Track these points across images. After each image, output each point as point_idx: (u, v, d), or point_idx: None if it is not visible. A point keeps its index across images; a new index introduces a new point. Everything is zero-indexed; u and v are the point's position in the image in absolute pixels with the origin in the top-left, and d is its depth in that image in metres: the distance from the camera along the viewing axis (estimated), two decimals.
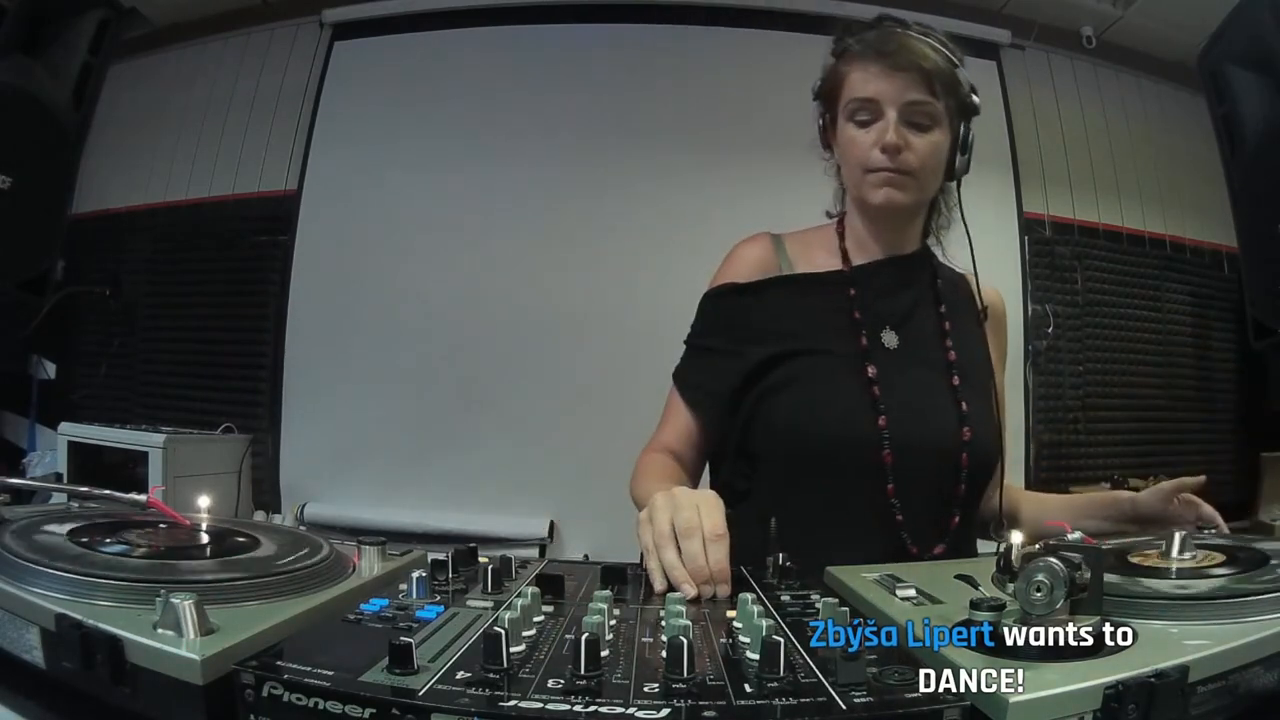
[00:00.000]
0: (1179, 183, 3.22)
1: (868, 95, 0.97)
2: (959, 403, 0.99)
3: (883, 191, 0.98)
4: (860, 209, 1.06)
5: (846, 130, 1.00)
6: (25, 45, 1.66)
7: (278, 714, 0.43)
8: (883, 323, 1.02)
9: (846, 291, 1.03)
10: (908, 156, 0.97)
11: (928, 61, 0.97)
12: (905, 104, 0.96)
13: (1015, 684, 0.45)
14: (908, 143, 0.96)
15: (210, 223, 3.17)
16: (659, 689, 0.44)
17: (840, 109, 1.01)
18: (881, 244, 1.06)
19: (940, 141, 0.99)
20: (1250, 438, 3.22)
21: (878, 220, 1.05)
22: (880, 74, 0.97)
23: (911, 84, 0.96)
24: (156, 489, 0.80)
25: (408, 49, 3.07)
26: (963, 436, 0.97)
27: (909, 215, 1.05)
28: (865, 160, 0.98)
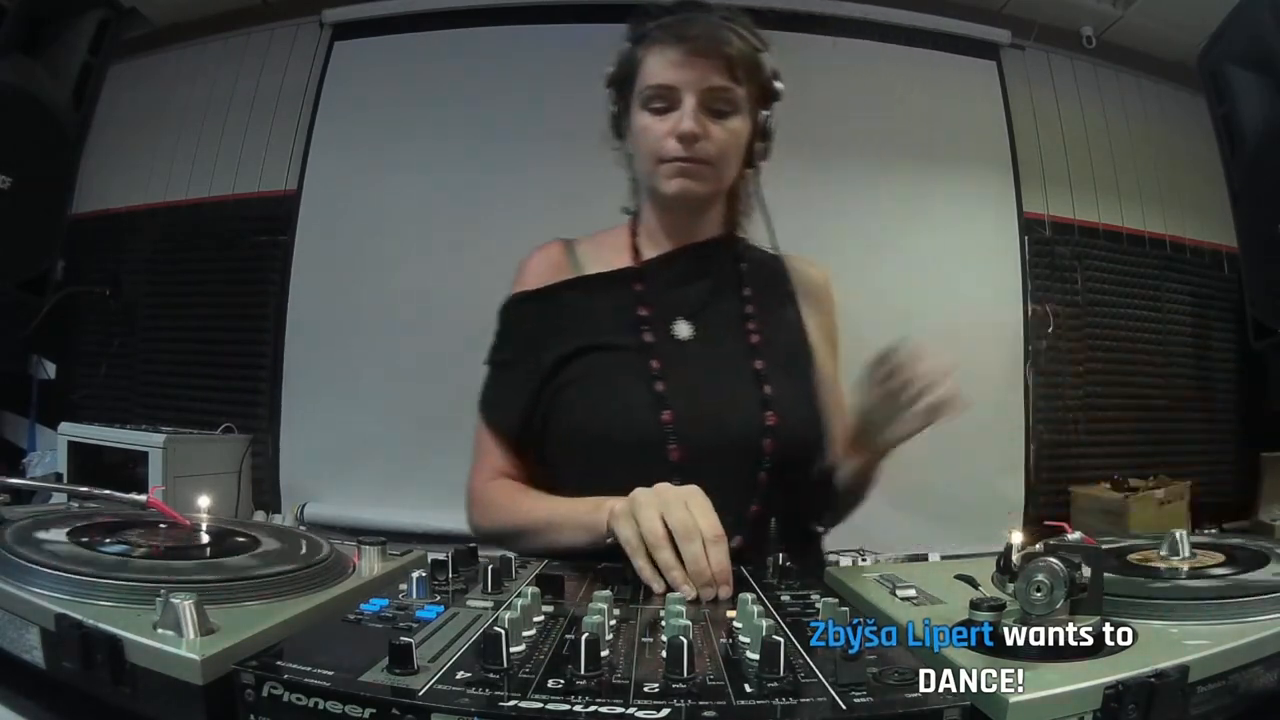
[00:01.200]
0: (1179, 183, 3.22)
1: (665, 82, 0.93)
2: (761, 387, 0.95)
3: (676, 182, 0.95)
4: (653, 200, 1.02)
5: (641, 118, 0.96)
6: (25, 45, 1.66)
7: (278, 714, 0.43)
8: (674, 314, 0.98)
9: (633, 287, 1.00)
10: (705, 145, 0.93)
11: (730, 46, 0.93)
12: (705, 90, 0.92)
13: (1015, 684, 0.45)
14: (706, 130, 0.93)
15: (210, 223, 3.17)
16: (659, 689, 0.44)
17: (634, 96, 0.96)
18: (676, 235, 1.03)
19: (740, 129, 0.96)
20: (1250, 438, 3.22)
21: (672, 210, 1.01)
22: (679, 59, 0.92)
23: (711, 69, 0.92)
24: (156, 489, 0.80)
25: (408, 49, 3.07)
26: (765, 422, 0.92)
27: (705, 204, 1.01)
28: (660, 150, 0.94)
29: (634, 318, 0.98)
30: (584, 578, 0.71)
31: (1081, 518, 2.83)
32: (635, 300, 0.99)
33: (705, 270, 1.02)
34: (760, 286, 1.04)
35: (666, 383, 0.93)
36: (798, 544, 0.91)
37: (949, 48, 3.14)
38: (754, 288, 1.03)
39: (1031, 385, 3.06)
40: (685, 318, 0.98)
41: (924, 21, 3.11)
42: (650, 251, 1.03)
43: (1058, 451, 3.08)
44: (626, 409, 0.92)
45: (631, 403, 0.92)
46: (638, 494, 0.75)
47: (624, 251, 1.04)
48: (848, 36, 3.04)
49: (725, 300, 1.02)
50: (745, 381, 0.96)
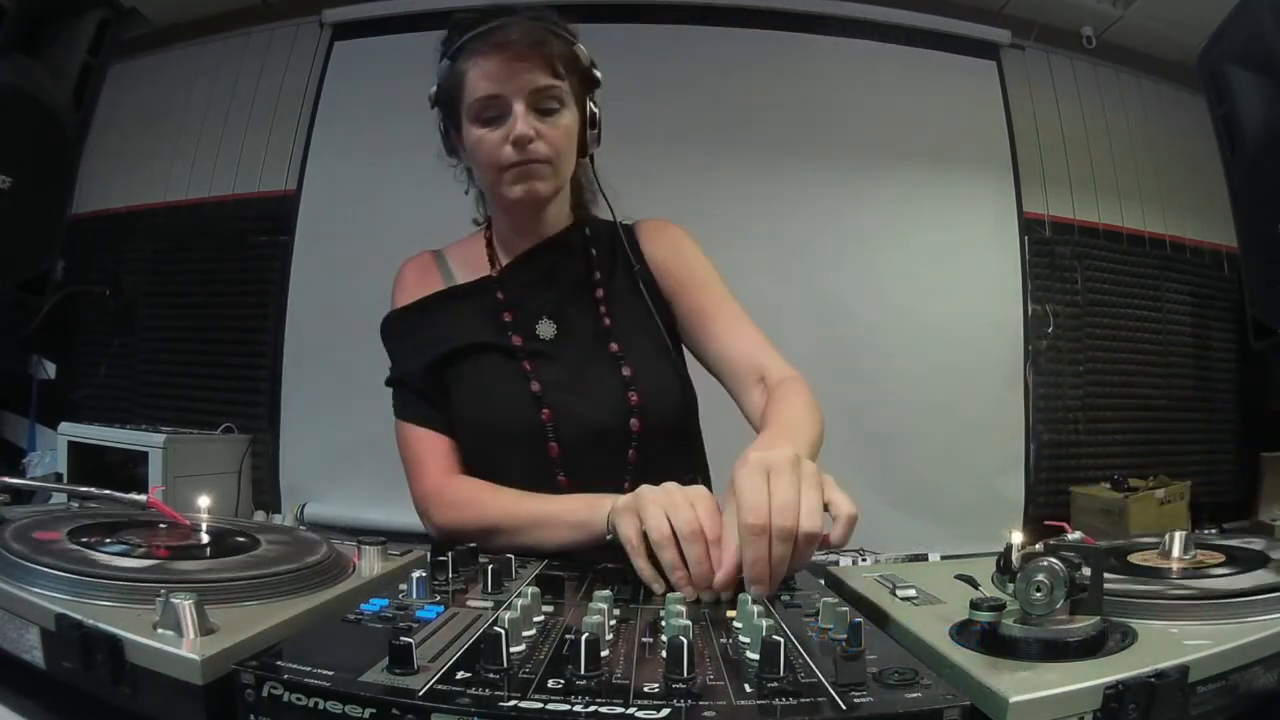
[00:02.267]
0: (1179, 183, 3.23)
1: (490, 92, 0.94)
2: (620, 370, 0.99)
3: (520, 186, 0.97)
4: (502, 207, 1.05)
5: (473, 132, 0.97)
6: (25, 45, 1.66)
7: (278, 714, 0.43)
8: (537, 316, 1.03)
9: (496, 295, 1.04)
10: (539, 146, 0.95)
11: (546, 45, 0.95)
12: (530, 92, 0.94)
13: (1015, 684, 0.45)
14: (538, 132, 0.95)
15: (210, 223, 3.17)
16: (659, 689, 0.44)
17: (464, 111, 0.97)
18: (527, 235, 1.06)
19: (570, 123, 0.99)
20: (1250, 438, 3.23)
21: (521, 214, 1.04)
22: (500, 68, 0.93)
23: (534, 70, 0.94)
24: (156, 489, 0.79)
25: (408, 49, 3.07)
26: (630, 402, 0.97)
27: (549, 202, 1.04)
28: (498, 158, 0.96)
29: (499, 322, 1.02)
30: (584, 578, 0.71)
31: (1081, 518, 2.83)
32: (499, 307, 1.03)
33: (557, 265, 1.07)
34: (608, 266, 1.08)
35: (540, 382, 0.98)
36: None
37: (949, 48, 3.15)
38: (602, 269, 1.08)
39: (1031, 385, 3.06)
40: (547, 316, 1.03)
41: (924, 21, 3.11)
42: (506, 257, 1.08)
43: (1058, 451, 3.08)
44: (509, 409, 0.98)
45: (512, 403, 0.98)
46: (644, 492, 0.75)
47: (484, 259, 1.08)
48: (848, 36, 3.04)
49: (579, 290, 1.06)
50: (605, 367, 1.00)
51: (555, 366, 1.00)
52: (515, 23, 0.95)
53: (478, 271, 1.08)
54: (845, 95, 3.01)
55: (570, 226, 1.09)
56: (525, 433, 0.97)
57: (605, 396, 0.98)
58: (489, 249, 1.09)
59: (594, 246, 1.09)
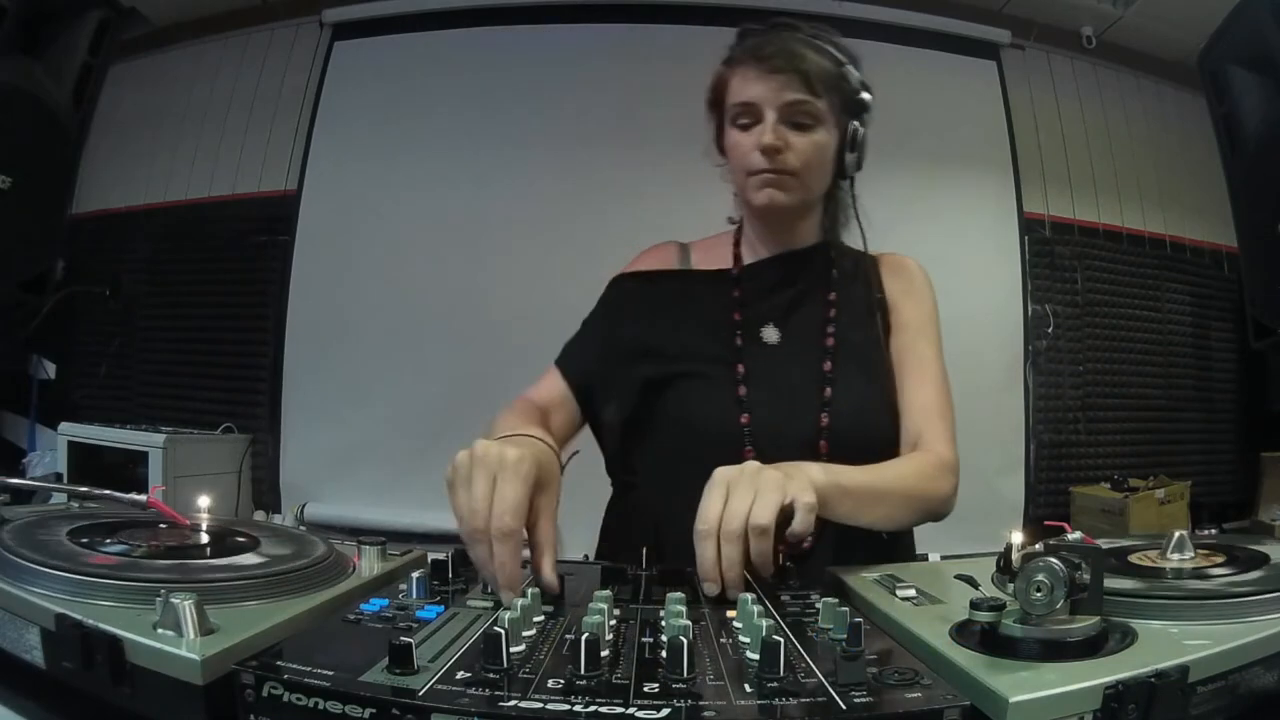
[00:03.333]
0: (1179, 183, 3.23)
1: (747, 99, 0.98)
2: (823, 389, 0.99)
3: (765, 193, 0.99)
4: (747, 211, 1.07)
5: (731, 134, 1.01)
6: (25, 45, 1.66)
7: (278, 714, 0.43)
8: (764, 319, 1.03)
9: (731, 292, 1.05)
10: (788, 157, 0.97)
11: (805, 62, 0.97)
12: (783, 105, 0.97)
13: (1015, 684, 0.45)
14: (788, 143, 0.97)
15: (210, 223, 3.17)
16: (659, 689, 0.44)
17: (726, 114, 1.02)
18: (772, 244, 1.08)
19: (823, 141, 1.00)
20: (1250, 438, 3.23)
21: (765, 220, 1.06)
22: (757, 77, 0.98)
23: (787, 85, 0.97)
24: (156, 489, 0.80)
25: (408, 49, 3.07)
26: (820, 423, 0.97)
27: (796, 214, 1.05)
28: (747, 162, 0.99)
29: (729, 320, 1.03)
30: (584, 578, 0.71)
31: (1081, 518, 2.83)
32: (732, 304, 1.04)
33: (797, 276, 1.07)
34: (847, 289, 1.08)
35: (749, 388, 0.98)
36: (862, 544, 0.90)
37: (949, 48, 3.15)
38: (840, 290, 1.08)
39: (1031, 385, 3.06)
40: (773, 323, 1.04)
41: (924, 21, 3.11)
42: (750, 258, 1.09)
43: (1058, 451, 3.08)
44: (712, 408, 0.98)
45: (717, 403, 0.98)
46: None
47: (729, 257, 1.10)
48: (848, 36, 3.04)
49: (811, 304, 1.06)
50: (811, 383, 1.00)
51: (768, 374, 1.00)
52: (781, 37, 1.00)
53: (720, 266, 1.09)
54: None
55: (817, 244, 1.10)
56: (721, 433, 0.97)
57: (801, 412, 0.98)
58: (735, 248, 1.10)
59: (836, 267, 1.09)
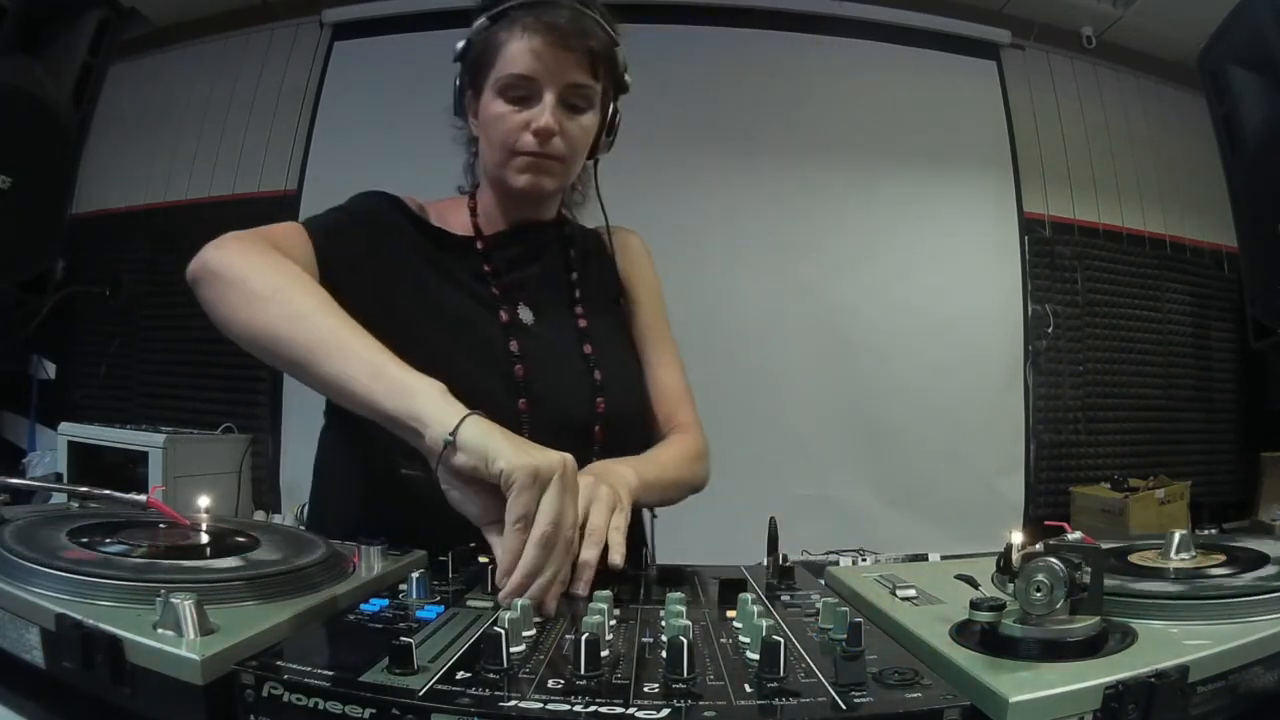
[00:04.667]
0: (1179, 183, 3.23)
1: (525, 72, 0.89)
2: (591, 373, 0.96)
3: (527, 177, 0.93)
4: (499, 190, 0.99)
5: (494, 106, 0.91)
6: (25, 45, 1.66)
7: (278, 714, 0.43)
8: (517, 296, 0.98)
9: (481, 264, 0.98)
10: (559, 142, 0.91)
11: (595, 40, 0.90)
12: (566, 86, 0.90)
13: (1015, 684, 0.45)
14: (561, 127, 0.90)
15: (210, 223, 3.16)
16: (659, 689, 0.44)
17: (489, 80, 0.92)
18: (514, 217, 1.02)
19: (591, 124, 0.95)
20: (1250, 438, 3.23)
21: (516, 201, 0.99)
22: (543, 50, 0.88)
23: (574, 64, 0.90)
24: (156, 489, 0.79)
25: (408, 49, 3.07)
26: (597, 408, 0.94)
27: (542, 200, 1.01)
28: (513, 142, 0.91)
29: (488, 291, 0.96)
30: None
31: (1081, 518, 2.83)
32: (486, 278, 0.97)
33: (538, 252, 1.03)
34: (585, 267, 1.06)
35: (524, 366, 0.92)
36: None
37: (949, 48, 3.15)
38: (580, 270, 1.05)
39: (1031, 385, 3.06)
40: (523, 301, 0.99)
41: (924, 21, 3.11)
42: (488, 229, 1.01)
43: (1058, 451, 3.08)
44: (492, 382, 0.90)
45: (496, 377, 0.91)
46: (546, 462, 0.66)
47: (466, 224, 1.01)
48: (848, 37, 3.04)
49: (557, 284, 1.03)
50: (577, 366, 0.97)
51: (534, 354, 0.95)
52: (566, 6, 0.90)
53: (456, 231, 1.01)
54: (845, 95, 3.01)
55: (553, 220, 1.06)
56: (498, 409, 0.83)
57: (576, 395, 0.95)
58: (473, 217, 1.02)
59: (572, 246, 1.07)
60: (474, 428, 0.66)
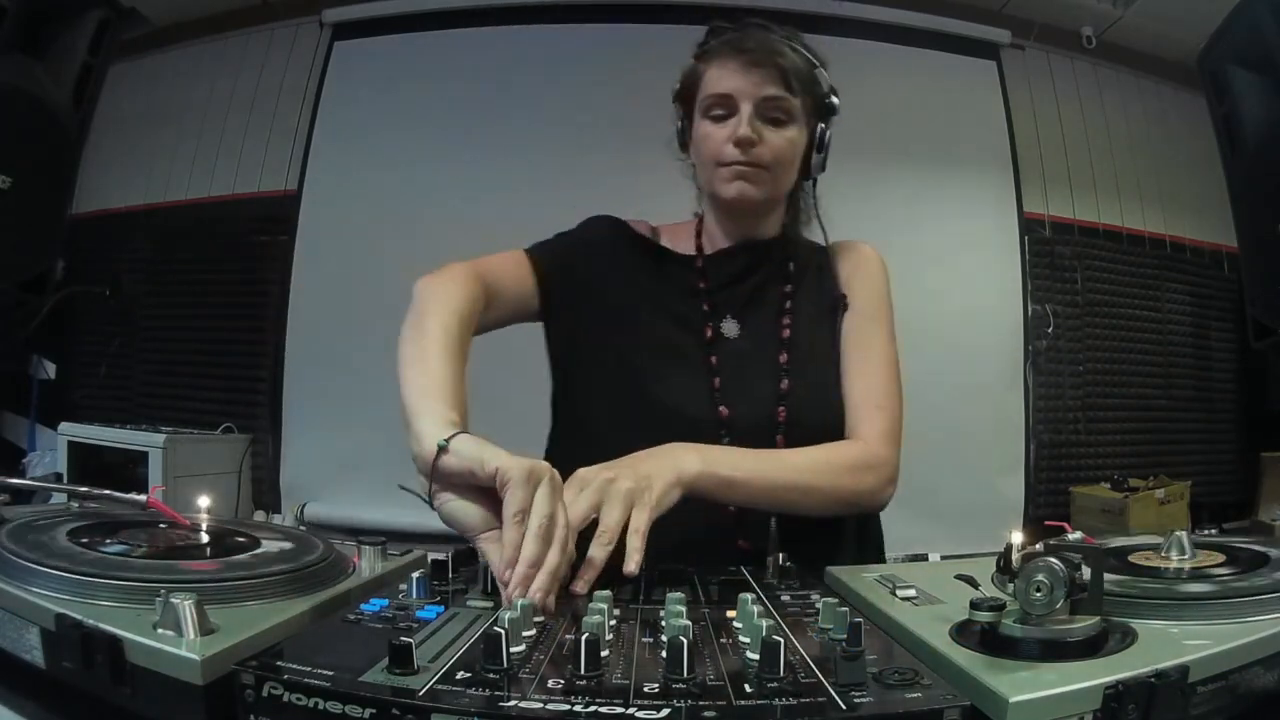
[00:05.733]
0: (1179, 183, 3.23)
1: (723, 91, 0.98)
2: (779, 382, 0.99)
3: (735, 185, 0.99)
4: (713, 204, 1.06)
5: (702, 126, 1.01)
6: (25, 45, 1.66)
7: (278, 714, 0.43)
8: (726, 311, 1.04)
9: (697, 281, 1.05)
10: (761, 151, 0.97)
11: (783, 58, 0.98)
12: (760, 99, 0.97)
13: (1015, 684, 0.45)
14: (761, 137, 0.97)
15: (210, 223, 3.17)
16: (659, 689, 0.44)
17: (696, 106, 1.02)
18: (733, 236, 1.07)
19: (795, 138, 1.00)
20: (1250, 438, 3.23)
21: (731, 214, 1.05)
22: (736, 70, 0.98)
23: (766, 79, 0.97)
24: (156, 489, 0.80)
25: (408, 49, 3.07)
26: (777, 417, 0.97)
27: (762, 209, 1.05)
28: (719, 154, 0.99)
29: (698, 309, 1.03)
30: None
31: (1081, 518, 2.83)
32: (699, 295, 1.04)
33: (757, 267, 1.07)
34: (803, 280, 1.08)
35: (721, 379, 0.98)
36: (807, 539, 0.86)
37: (949, 48, 3.15)
38: (796, 283, 1.08)
39: (1031, 385, 3.06)
40: (732, 315, 1.04)
41: (924, 21, 3.11)
42: (710, 250, 1.08)
43: (1058, 451, 3.08)
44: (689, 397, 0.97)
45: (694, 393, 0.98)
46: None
47: (692, 246, 1.09)
48: (848, 36, 3.04)
49: (769, 296, 1.06)
50: (768, 374, 1.00)
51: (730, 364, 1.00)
52: (759, 34, 1.00)
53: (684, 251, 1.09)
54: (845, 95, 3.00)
55: (777, 236, 1.10)
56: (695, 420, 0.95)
57: (759, 403, 0.98)
58: (698, 238, 1.09)
59: (793, 260, 1.09)
60: (467, 438, 0.68)
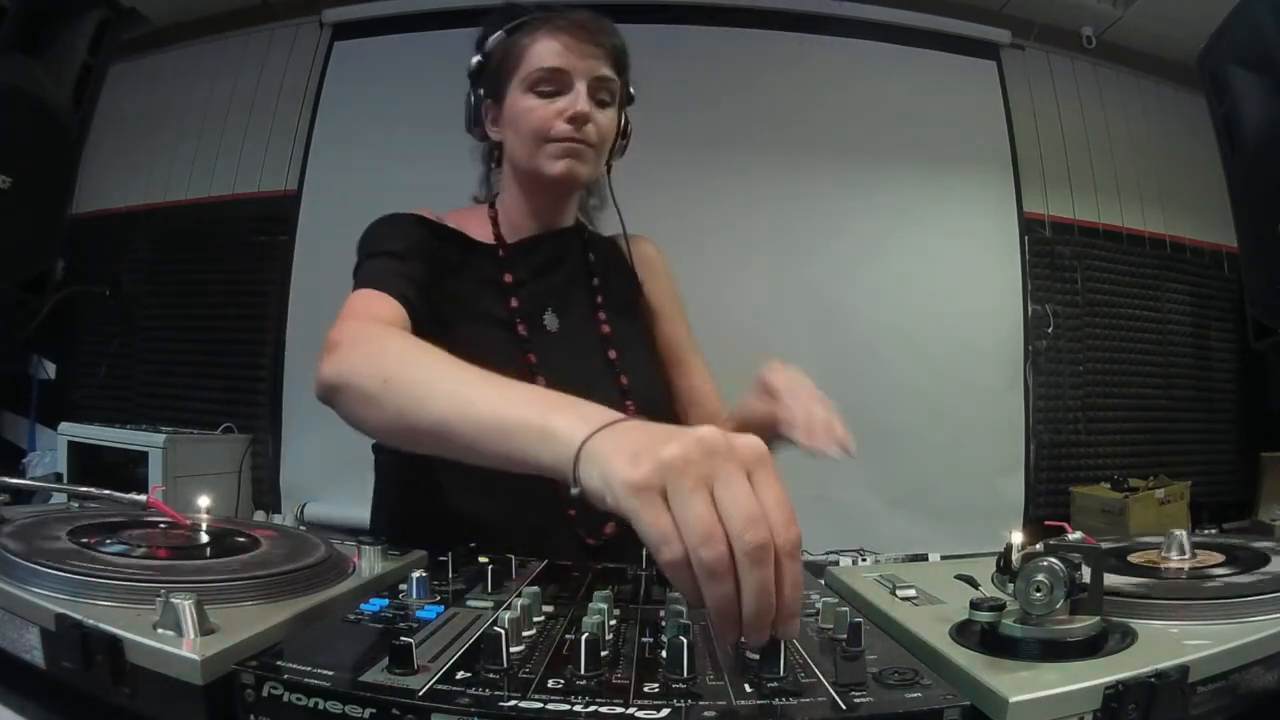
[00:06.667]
0: (1179, 183, 3.23)
1: (556, 65, 0.95)
2: (618, 377, 0.99)
3: (563, 162, 0.96)
4: (527, 183, 1.02)
5: (524, 100, 0.96)
6: (25, 45, 1.66)
7: (278, 714, 0.43)
8: (542, 305, 1.01)
9: (502, 274, 1.00)
10: (591, 129, 0.96)
11: (615, 38, 0.99)
12: (594, 79, 0.96)
13: (1015, 684, 0.45)
14: (592, 115, 0.96)
15: (210, 223, 3.17)
16: (659, 689, 0.44)
17: (515, 80, 0.97)
18: (535, 222, 1.04)
19: (614, 120, 1.00)
20: (1250, 438, 3.22)
21: (543, 195, 1.02)
22: (570, 45, 0.95)
23: (599, 58, 0.97)
24: (156, 489, 0.79)
25: (408, 49, 3.07)
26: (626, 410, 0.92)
27: (574, 191, 1.04)
28: (547, 129, 0.95)
29: (506, 304, 0.99)
30: (584, 578, 0.71)
31: (1081, 518, 2.83)
32: (507, 289, 0.99)
33: (561, 258, 1.05)
34: (605, 274, 1.08)
35: (545, 376, 0.92)
36: None
37: (949, 48, 3.14)
38: (601, 276, 1.07)
39: (1031, 385, 3.06)
40: (551, 309, 1.01)
41: (924, 21, 3.11)
42: (510, 237, 1.04)
43: (1058, 451, 3.08)
44: None
45: None
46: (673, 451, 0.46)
47: (486, 233, 1.04)
48: (848, 36, 3.04)
49: (579, 291, 1.05)
50: (603, 371, 1.00)
51: (558, 361, 0.97)
52: (585, 10, 0.98)
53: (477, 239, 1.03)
54: (845, 95, 3.01)
55: (574, 226, 1.09)
56: None
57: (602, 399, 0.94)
58: (494, 226, 1.04)
59: (592, 251, 1.09)
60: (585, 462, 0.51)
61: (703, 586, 0.44)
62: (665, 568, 0.45)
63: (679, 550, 0.44)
